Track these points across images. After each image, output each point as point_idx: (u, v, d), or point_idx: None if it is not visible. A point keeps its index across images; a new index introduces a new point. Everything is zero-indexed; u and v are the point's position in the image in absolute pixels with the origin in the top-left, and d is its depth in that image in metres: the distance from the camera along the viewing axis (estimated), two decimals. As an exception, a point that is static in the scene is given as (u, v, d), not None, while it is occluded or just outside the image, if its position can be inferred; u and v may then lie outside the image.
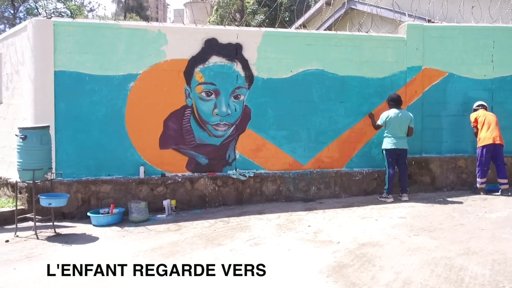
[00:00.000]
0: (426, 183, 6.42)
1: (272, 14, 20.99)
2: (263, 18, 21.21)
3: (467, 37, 6.55)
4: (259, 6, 24.46)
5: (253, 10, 25.01)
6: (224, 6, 27.51)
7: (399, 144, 5.74)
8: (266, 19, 20.83)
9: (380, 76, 6.40)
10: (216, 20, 25.71)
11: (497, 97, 6.59)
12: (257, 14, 23.75)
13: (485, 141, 5.85)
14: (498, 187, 5.93)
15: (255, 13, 24.36)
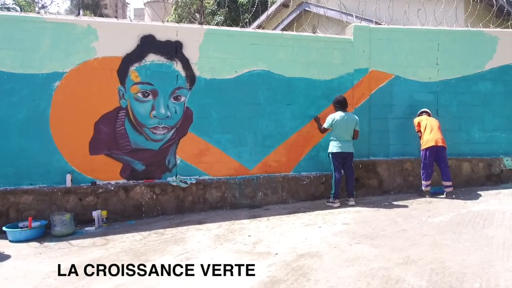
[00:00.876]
0: (373, 186, 6.34)
1: (232, 15, 20.75)
2: (223, 19, 20.89)
3: (413, 40, 6.56)
4: (218, 7, 24.11)
5: (213, 11, 24.60)
6: (183, 6, 26.92)
7: (344, 148, 5.61)
8: (226, 20, 20.52)
9: (327, 78, 6.26)
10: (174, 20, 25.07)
11: (442, 100, 6.65)
12: (217, 15, 23.39)
13: (428, 144, 5.84)
14: (443, 189, 5.94)
15: (215, 13, 23.98)
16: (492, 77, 6.75)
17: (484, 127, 6.76)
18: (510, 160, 6.71)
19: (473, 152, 6.71)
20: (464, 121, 6.71)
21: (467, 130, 6.72)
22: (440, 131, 5.95)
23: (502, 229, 4.27)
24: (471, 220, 4.65)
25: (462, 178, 6.59)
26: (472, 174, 6.62)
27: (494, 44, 6.75)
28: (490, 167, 6.67)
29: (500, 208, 5.07)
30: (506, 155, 6.76)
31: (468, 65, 6.69)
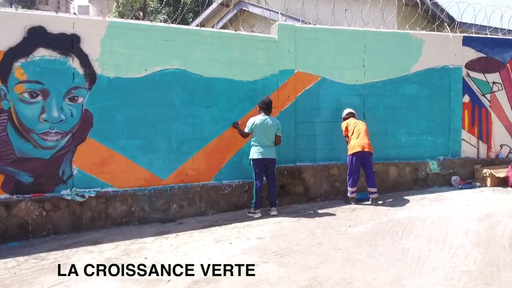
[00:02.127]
0: (299, 193, 6.01)
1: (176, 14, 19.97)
2: (166, 18, 20.07)
3: (339, 41, 6.33)
4: (161, 5, 23.19)
5: (156, 9, 23.63)
6: (124, 4, 25.63)
7: (266, 154, 5.21)
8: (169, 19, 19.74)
9: (250, 79, 5.85)
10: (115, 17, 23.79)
11: (369, 103, 6.48)
12: (160, 13, 22.48)
13: (354, 149, 5.62)
14: (368, 195, 5.74)
15: (158, 12, 23.04)
16: (418, 80, 6.71)
17: (411, 130, 6.69)
18: (436, 164, 6.69)
19: (400, 156, 6.62)
20: (390, 125, 6.59)
21: (394, 134, 6.61)
22: (367, 135, 5.75)
23: (419, 239, 4.06)
24: (390, 229, 4.42)
25: (389, 183, 6.46)
26: (399, 179, 6.51)
27: (419, 46, 6.71)
28: (417, 171, 6.60)
29: (422, 215, 4.92)
30: (432, 159, 6.74)
31: (395, 67, 6.59)
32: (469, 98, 6.97)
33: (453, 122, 6.87)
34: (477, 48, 7.01)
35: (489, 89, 7.10)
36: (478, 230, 4.24)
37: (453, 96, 6.86)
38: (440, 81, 6.81)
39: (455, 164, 6.77)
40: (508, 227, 4.29)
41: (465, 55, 6.93)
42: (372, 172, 5.69)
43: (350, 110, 6.01)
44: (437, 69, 6.79)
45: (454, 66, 6.86)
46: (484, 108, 7.07)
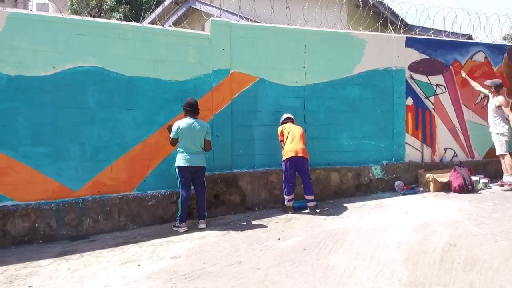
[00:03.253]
0: (235, 203, 5.59)
1: (132, 12, 19.14)
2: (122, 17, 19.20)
3: (278, 40, 5.98)
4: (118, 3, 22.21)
5: (112, 7, 22.59)
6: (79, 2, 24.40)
7: (193, 161, 4.75)
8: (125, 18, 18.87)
9: (180, 79, 5.38)
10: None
11: (309, 106, 6.17)
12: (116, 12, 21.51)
13: (288, 154, 5.27)
14: (306, 204, 5.40)
15: (114, 10, 22.04)
16: (360, 82, 6.47)
17: (353, 134, 6.44)
18: (379, 169, 6.47)
19: (343, 161, 6.35)
20: (332, 128, 6.31)
21: (336, 138, 6.33)
22: (303, 140, 5.42)
23: (348, 254, 3.73)
24: (320, 242, 4.07)
25: (331, 189, 6.17)
26: (341, 185, 6.24)
27: (362, 47, 6.49)
28: (359, 176, 6.35)
29: (358, 225, 4.62)
30: (375, 163, 6.52)
31: (336, 68, 6.32)
32: (413, 100, 6.83)
33: (396, 125, 6.69)
34: (420, 49, 6.88)
35: (433, 92, 6.99)
36: (411, 242, 3.97)
37: (396, 99, 6.69)
38: (383, 83, 6.62)
39: (399, 168, 6.59)
40: (442, 237, 4.05)
41: (408, 57, 6.79)
42: (308, 179, 5.35)
43: (288, 115, 5.67)
44: (380, 70, 6.59)
45: (397, 68, 6.69)
46: (428, 111, 6.95)
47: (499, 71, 7.53)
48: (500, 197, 5.73)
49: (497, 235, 4.04)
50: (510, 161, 6.27)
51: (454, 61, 7.15)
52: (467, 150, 7.23)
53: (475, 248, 3.69)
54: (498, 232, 4.13)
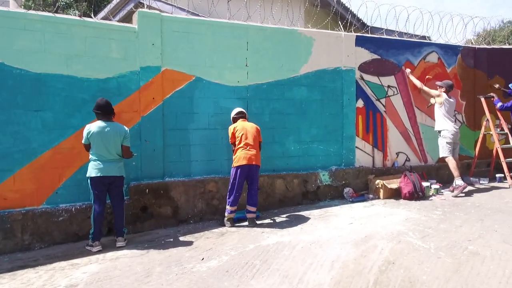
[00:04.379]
0: (166, 215, 5.01)
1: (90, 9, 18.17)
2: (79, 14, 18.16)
3: (217, 35, 5.47)
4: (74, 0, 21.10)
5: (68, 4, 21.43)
6: (34, -3, 23.07)
7: (107, 170, 4.14)
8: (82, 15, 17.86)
9: (101, 76, 4.77)
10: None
11: (253, 108, 5.69)
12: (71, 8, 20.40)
13: (240, 161, 4.76)
14: (245, 215, 4.91)
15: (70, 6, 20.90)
16: (308, 83, 6.06)
17: (301, 138, 6.02)
18: (327, 175, 6.07)
19: (289, 167, 5.91)
20: (278, 132, 5.86)
21: (281, 142, 5.89)
22: (256, 143, 4.97)
23: (274, 277, 3.25)
24: (248, 262, 3.58)
25: (276, 198, 5.70)
26: (286, 193, 5.79)
27: (309, 46, 6.08)
28: (306, 183, 5.93)
29: (295, 240, 4.16)
30: (324, 169, 6.12)
31: (282, 68, 5.88)
32: (363, 103, 6.49)
33: (346, 128, 6.32)
34: (371, 49, 6.57)
35: (384, 94, 6.69)
36: (348, 260, 3.54)
37: (346, 101, 6.32)
38: (332, 84, 6.24)
39: (348, 174, 6.21)
40: (382, 254, 3.65)
41: (359, 56, 6.45)
42: (256, 189, 4.88)
43: (240, 110, 5.19)
44: (328, 70, 6.21)
45: (347, 68, 6.33)
46: (379, 113, 6.63)
47: (453, 73, 7.34)
48: (450, 204, 5.45)
49: (441, 249, 3.69)
50: (453, 163, 6.06)
51: (407, 61, 6.89)
52: (420, 154, 6.98)
53: (415, 267, 3.30)
54: (442, 246, 3.78)
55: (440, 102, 6.36)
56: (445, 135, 6.23)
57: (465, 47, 7.45)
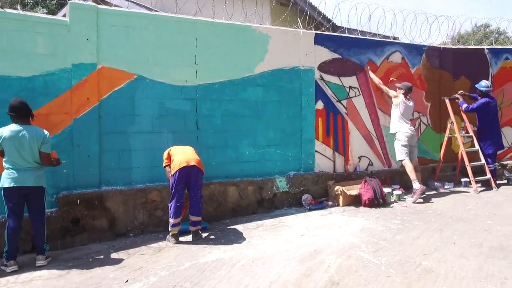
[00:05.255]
0: (102, 228, 4.52)
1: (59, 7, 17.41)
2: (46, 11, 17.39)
3: (162, 30, 5.03)
4: (43, -1, 20.24)
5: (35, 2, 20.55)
6: (0, -7, 21.94)
7: (22, 180, 3.64)
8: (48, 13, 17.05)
9: (24, 74, 4.28)
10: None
11: (203, 109, 5.27)
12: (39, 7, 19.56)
13: (180, 165, 4.27)
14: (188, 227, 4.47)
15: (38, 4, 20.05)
16: (263, 83, 5.69)
17: (256, 142, 5.63)
18: (284, 181, 5.70)
19: (244, 173, 5.51)
20: (231, 136, 5.46)
21: (235, 147, 5.48)
22: (196, 153, 4.53)
23: (200, 303, 2.82)
24: (177, 285, 3.16)
25: (228, 207, 5.29)
26: (240, 201, 5.38)
27: (265, 43, 5.71)
28: (262, 190, 5.54)
29: (237, 256, 3.77)
30: (281, 175, 5.75)
31: (235, 67, 5.49)
32: (323, 104, 6.16)
33: (305, 131, 5.98)
34: (332, 48, 6.24)
35: (346, 95, 6.37)
36: (289, 279, 3.16)
37: (305, 102, 5.98)
38: (290, 85, 5.88)
39: (307, 180, 5.86)
40: (328, 272, 3.29)
41: (318, 56, 6.12)
42: (199, 196, 4.41)
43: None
44: (286, 70, 5.85)
45: (305, 67, 5.99)
46: (340, 115, 6.32)
47: (417, 73, 7.11)
48: (410, 212, 5.16)
49: (393, 266, 3.35)
50: (410, 166, 5.83)
51: (369, 61, 6.60)
52: (384, 158, 6.70)
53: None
54: (394, 262, 3.45)
55: (396, 104, 6.13)
56: (400, 137, 6.00)
57: (429, 47, 7.23)
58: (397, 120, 6.14)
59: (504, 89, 7.77)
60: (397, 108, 6.15)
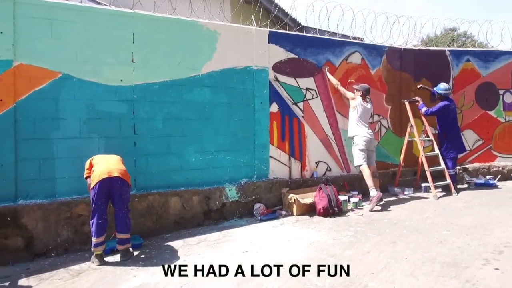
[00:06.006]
0: (16, 248, 3.94)
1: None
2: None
3: (93, 24, 4.50)
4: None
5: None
6: None
7: None
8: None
9: None
10: None
11: (141, 112, 4.77)
12: None
13: (100, 176, 3.76)
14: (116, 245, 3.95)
15: None
16: (212, 83, 5.24)
17: (204, 148, 5.18)
18: (235, 190, 5.27)
19: (190, 182, 5.04)
20: (175, 141, 4.98)
21: (179, 153, 5.01)
22: (121, 162, 4.02)
23: None
24: (81, 322, 2.64)
25: (170, 220, 4.80)
26: (184, 213, 4.90)
27: (213, 41, 5.27)
28: (209, 200, 5.08)
29: (164, 281, 3.29)
30: (232, 183, 5.32)
31: (179, 65, 5.02)
32: (278, 107, 5.78)
33: (258, 136, 5.57)
34: (287, 47, 5.88)
35: (302, 97, 6.02)
36: (215, 311, 2.72)
37: (258, 105, 5.58)
38: (241, 86, 5.47)
39: (260, 188, 5.45)
40: (263, 297, 2.86)
41: (273, 55, 5.74)
42: (125, 210, 3.90)
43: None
44: (237, 70, 5.43)
45: (258, 67, 5.59)
46: (297, 119, 5.95)
47: (377, 75, 6.85)
48: (365, 222, 4.83)
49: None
50: (367, 172, 5.54)
51: (327, 62, 6.28)
52: (342, 163, 6.39)
53: (293, 321, 2.54)
54: (339, 283, 3.08)
55: (354, 106, 5.84)
56: (358, 141, 5.71)
57: (390, 48, 7.00)
58: (355, 123, 5.83)
59: (465, 92, 7.64)
60: (355, 111, 5.85)
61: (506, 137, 7.78)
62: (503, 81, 7.81)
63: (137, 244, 4.20)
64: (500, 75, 7.78)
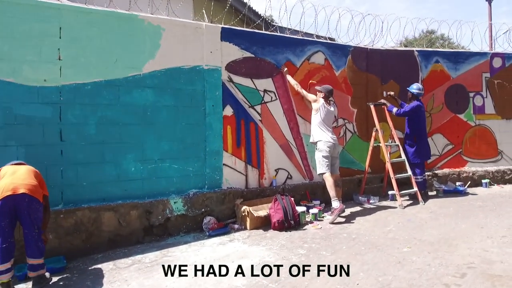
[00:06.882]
0: None
1: None
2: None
3: (9, 17, 3.93)
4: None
5: None
6: None
7: None
8: None
9: None
10: None
11: (70, 116, 4.21)
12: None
13: (0, 194, 3.19)
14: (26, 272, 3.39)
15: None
16: (155, 84, 4.73)
17: (145, 156, 4.65)
18: (181, 202, 4.75)
19: (128, 195, 4.51)
20: (111, 148, 4.44)
21: (116, 162, 4.47)
22: (32, 175, 3.43)
23: None
24: None
25: (103, 237, 4.25)
26: (120, 229, 4.36)
27: (157, 37, 4.76)
28: (150, 214, 4.55)
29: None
30: (178, 194, 4.80)
31: (116, 64, 4.49)
32: (233, 110, 5.31)
33: (210, 142, 5.08)
34: (243, 45, 5.42)
35: (260, 99, 5.57)
36: None
37: (210, 108, 5.09)
38: (190, 87, 4.97)
39: (211, 199, 4.96)
40: None
41: (226, 54, 5.27)
42: (35, 232, 3.32)
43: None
44: (185, 69, 4.93)
45: (210, 67, 5.10)
46: (254, 123, 5.49)
47: (342, 76, 6.47)
48: (322, 237, 4.39)
49: (270, 327, 2.49)
50: (330, 181, 5.12)
51: (287, 62, 5.84)
52: (304, 170, 5.96)
53: None
54: (274, 319, 2.60)
55: (316, 109, 5.41)
56: (320, 147, 5.28)
57: (355, 48, 6.62)
58: (317, 128, 5.40)
59: (435, 94, 7.34)
60: (317, 114, 5.42)
61: (477, 141, 7.52)
62: (474, 83, 7.55)
63: (59, 268, 3.65)
64: (471, 77, 7.53)
